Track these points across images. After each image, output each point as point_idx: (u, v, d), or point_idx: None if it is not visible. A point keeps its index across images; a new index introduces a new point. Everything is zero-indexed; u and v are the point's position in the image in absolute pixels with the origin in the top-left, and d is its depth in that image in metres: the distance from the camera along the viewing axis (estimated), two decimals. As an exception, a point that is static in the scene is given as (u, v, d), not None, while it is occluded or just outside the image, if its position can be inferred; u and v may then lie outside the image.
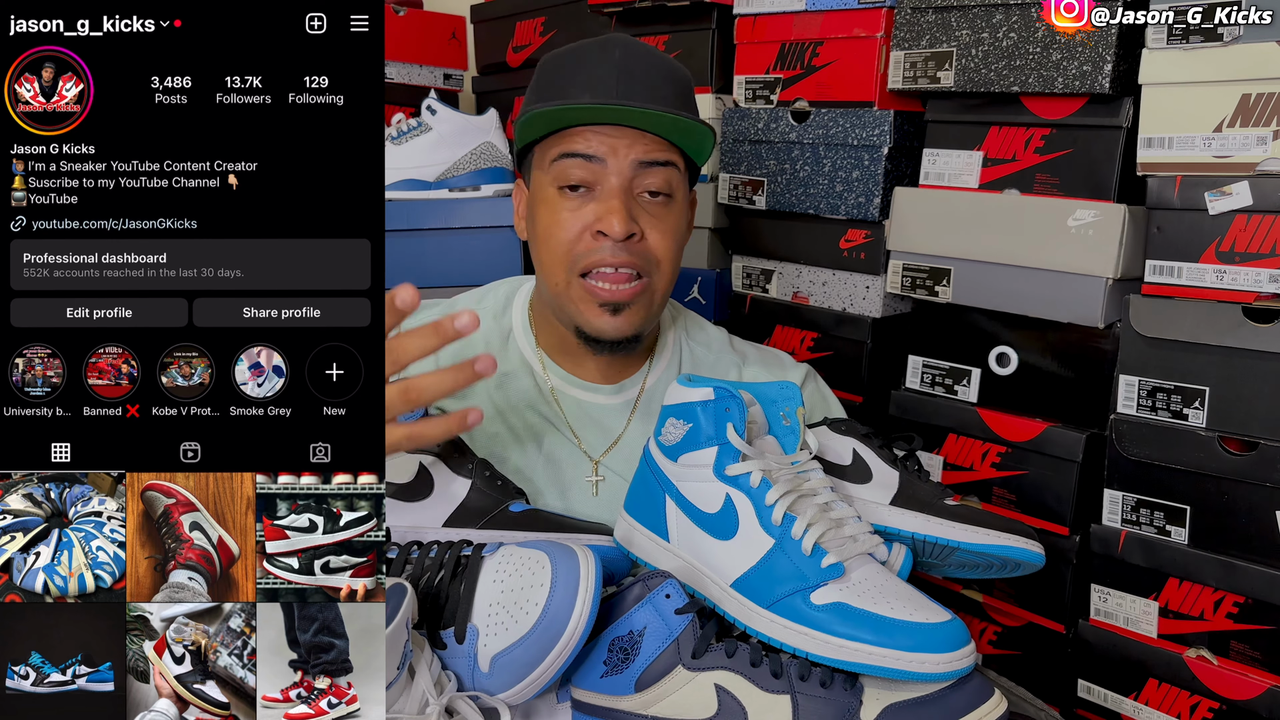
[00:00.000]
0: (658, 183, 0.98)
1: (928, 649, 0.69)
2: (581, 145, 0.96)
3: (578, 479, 1.05)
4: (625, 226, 0.95)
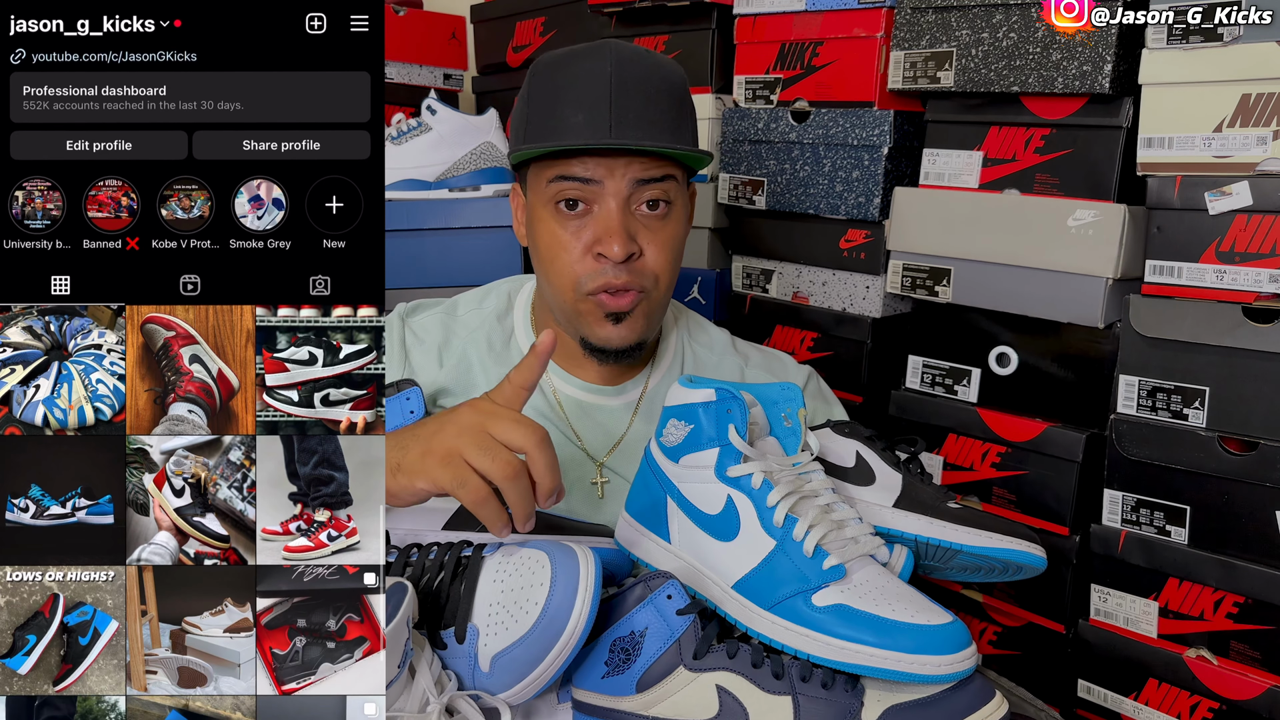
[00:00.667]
0: (655, 195, 0.98)
1: (929, 651, 0.69)
2: (578, 169, 0.96)
3: (581, 481, 1.05)
4: (625, 249, 0.95)
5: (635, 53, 0.99)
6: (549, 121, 0.97)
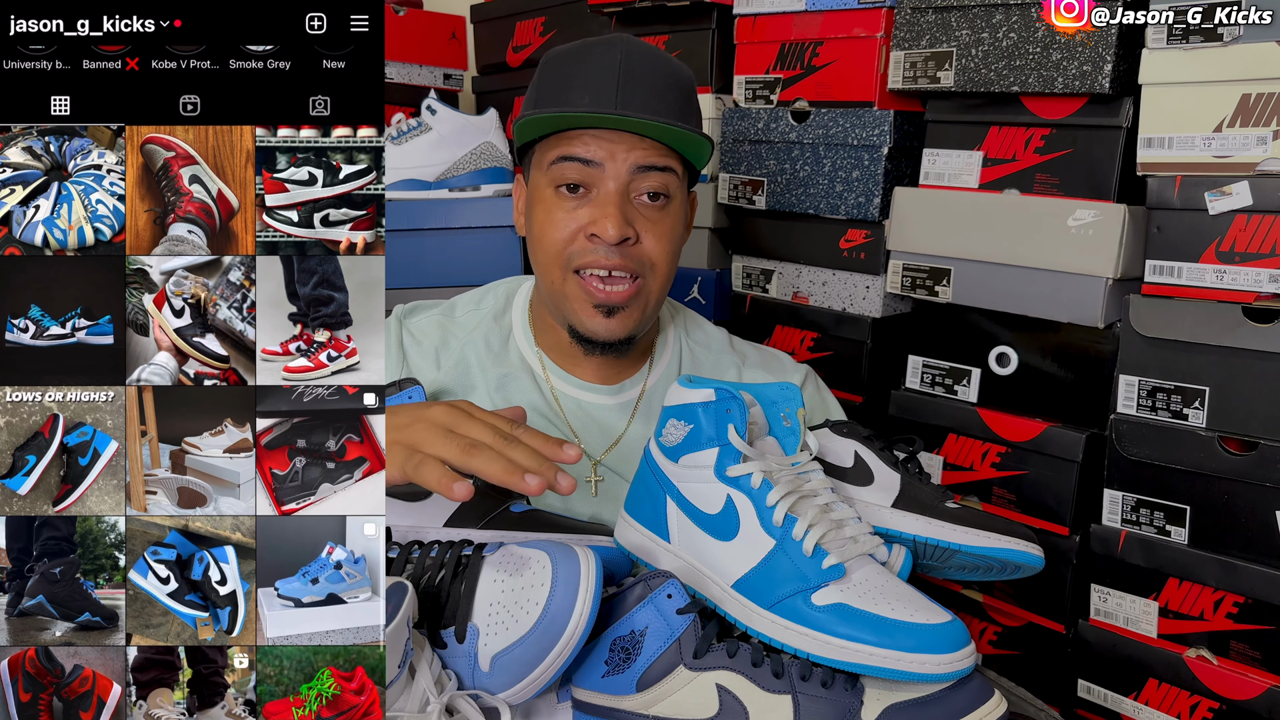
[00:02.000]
0: (655, 185, 0.98)
1: (928, 650, 0.69)
2: (580, 149, 0.96)
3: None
4: (619, 231, 0.95)
5: (645, 46, 1.00)
6: (557, 100, 0.98)
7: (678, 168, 1.00)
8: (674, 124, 0.95)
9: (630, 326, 1.00)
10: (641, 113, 0.95)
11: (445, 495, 0.74)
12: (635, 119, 0.94)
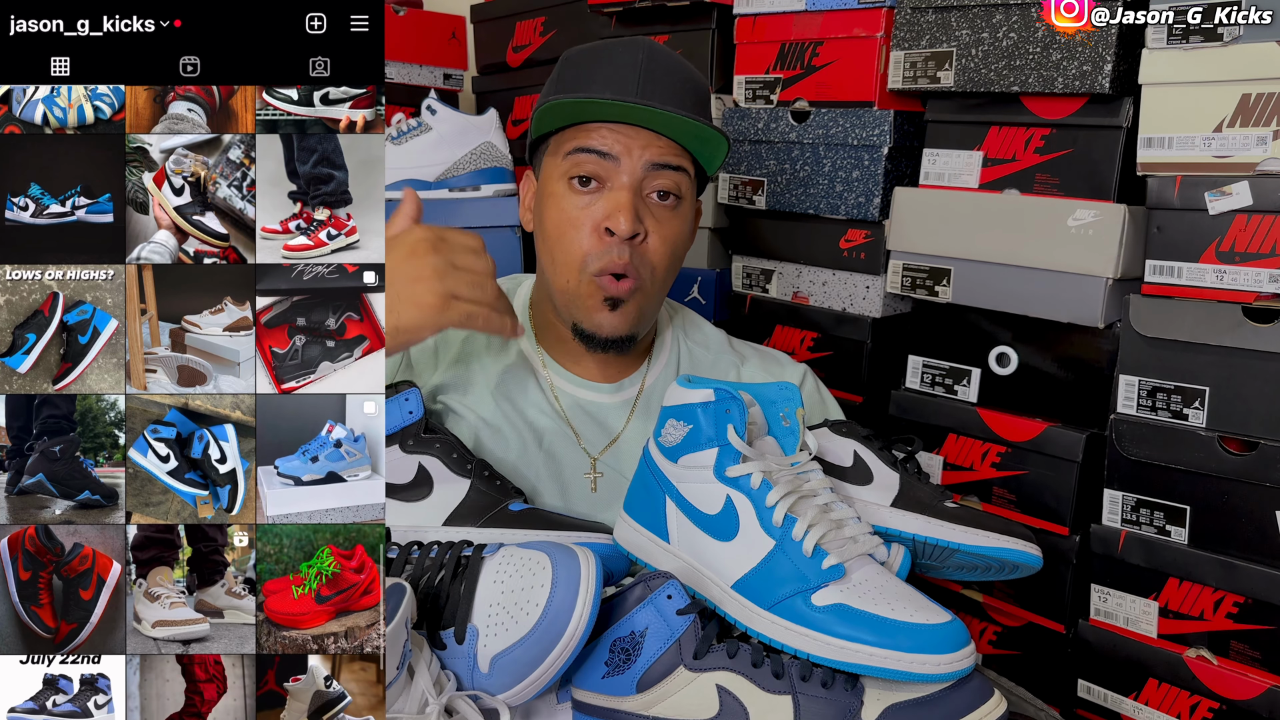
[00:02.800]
0: (667, 184, 0.99)
1: (928, 650, 0.69)
2: (597, 141, 0.97)
3: (576, 476, 1.05)
4: (631, 225, 0.96)
5: (666, 49, 1.01)
6: (576, 91, 0.98)
7: (690, 169, 1.01)
8: (693, 117, 0.95)
9: (632, 321, 1.01)
10: (662, 106, 0.95)
11: (508, 334, 0.91)
12: (658, 110, 0.94)
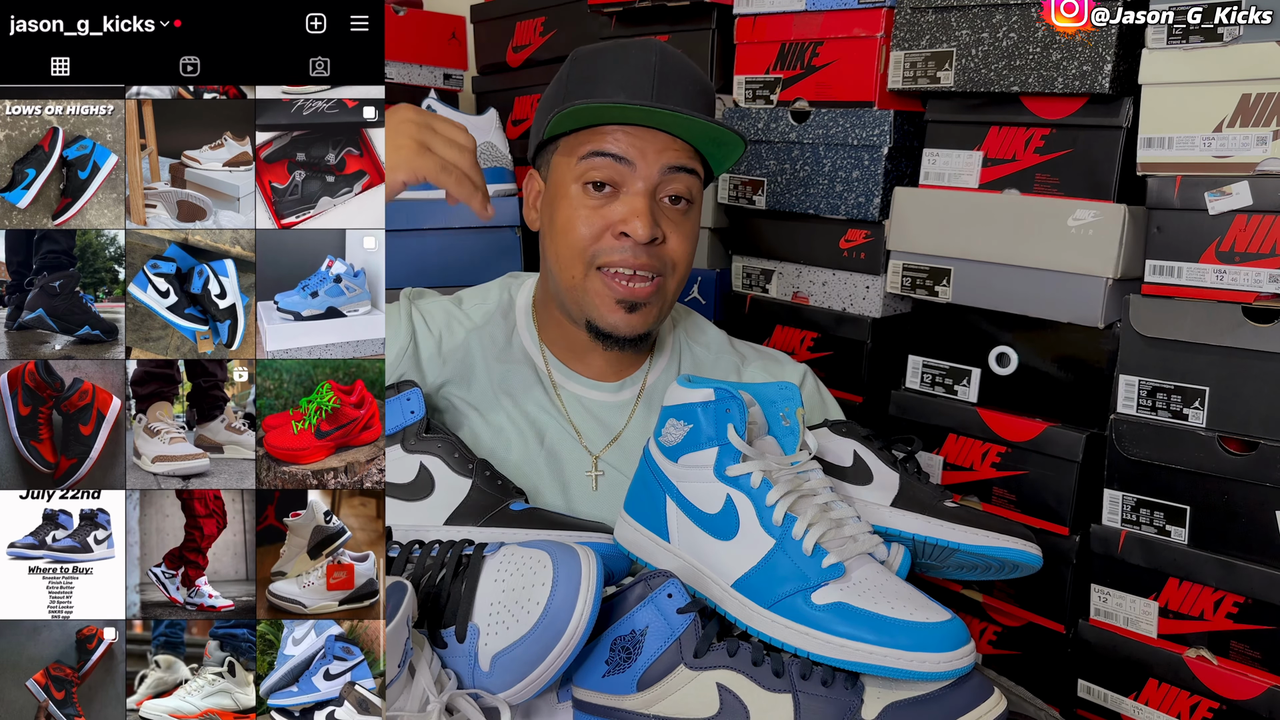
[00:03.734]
0: (680, 189, 0.99)
1: (928, 648, 0.69)
2: (612, 145, 0.97)
3: (578, 474, 1.05)
4: (649, 230, 0.96)
5: (676, 51, 1.01)
6: (591, 94, 0.98)
7: (700, 171, 1.01)
8: (713, 121, 0.96)
9: (650, 321, 1.02)
10: (676, 109, 0.95)
11: (477, 206, 0.91)
12: (679, 113, 0.94)
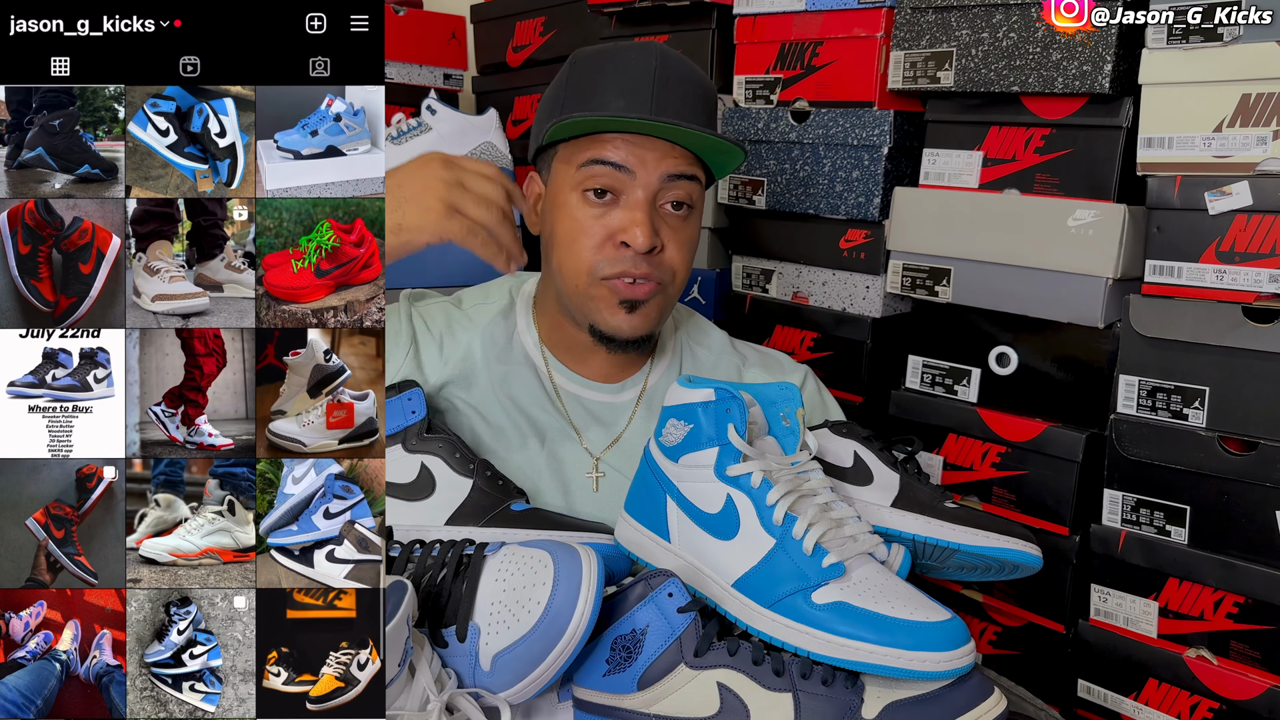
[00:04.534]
0: (680, 195, 0.99)
1: (928, 647, 0.69)
2: (612, 154, 0.96)
3: (578, 475, 1.05)
4: (649, 240, 0.96)
5: (677, 55, 1.01)
6: (590, 102, 0.98)
7: (701, 177, 1.01)
8: (711, 133, 0.95)
9: (652, 322, 1.02)
10: (677, 119, 0.95)
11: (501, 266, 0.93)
12: (677, 126, 0.94)
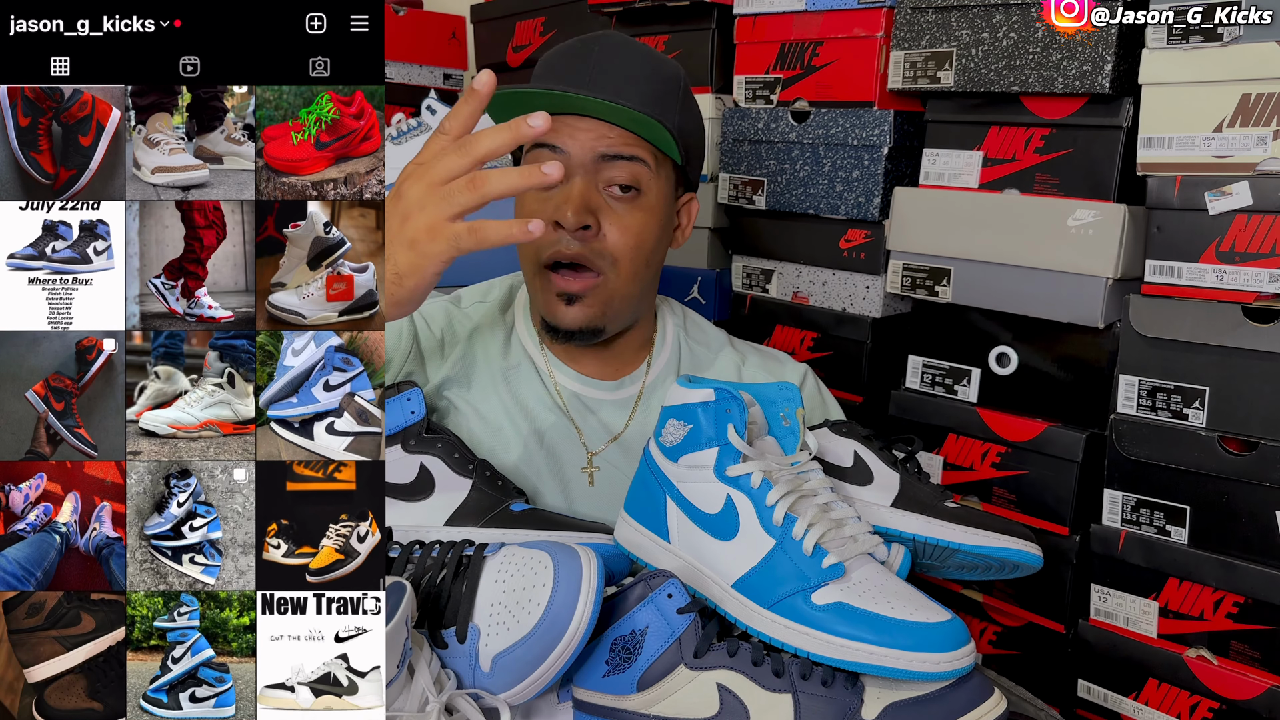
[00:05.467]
0: (622, 177, 0.97)
1: (928, 648, 0.69)
2: (550, 136, 0.96)
3: (576, 472, 1.05)
4: (578, 217, 0.95)
5: (631, 42, 1.00)
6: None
7: (649, 159, 0.98)
8: (627, 105, 0.93)
9: (591, 317, 1.00)
10: (604, 94, 0.93)
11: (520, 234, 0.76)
12: (591, 98, 0.92)
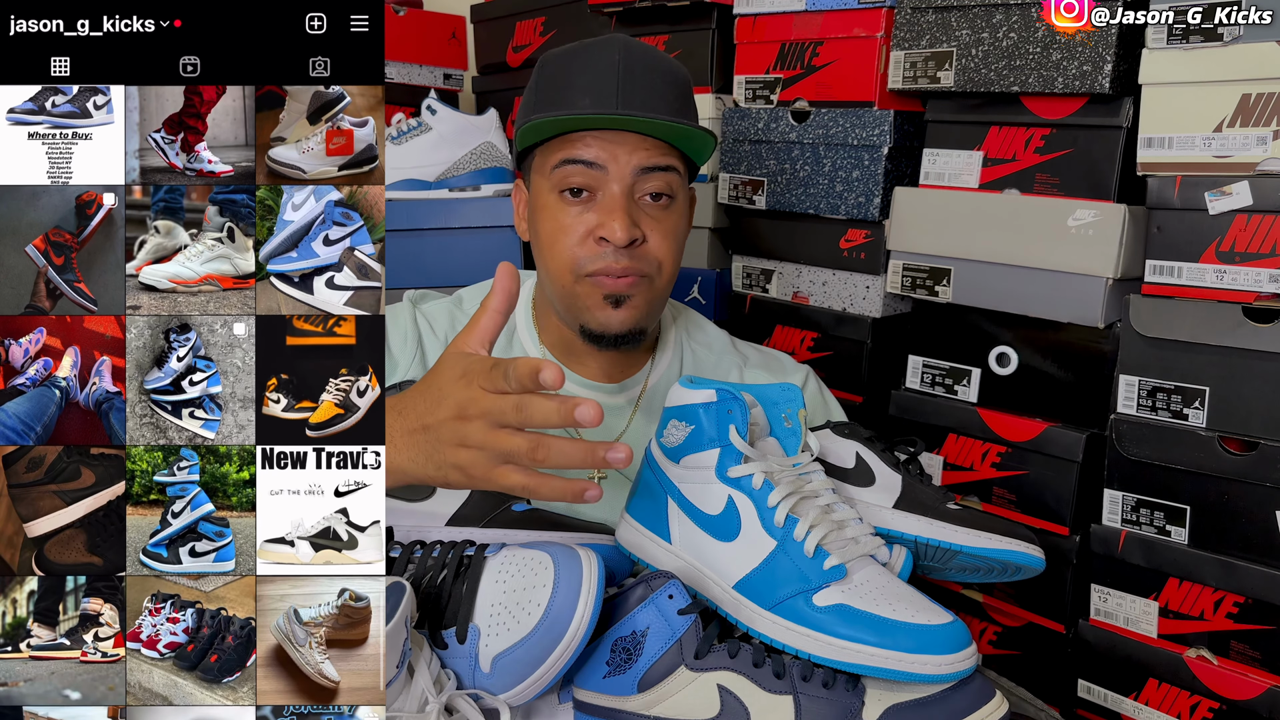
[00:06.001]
0: (658, 186, 0.99)
1: (929, 650, 0.69)
2: (583, 151, 0.96)
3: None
4: (628, 233, 0.96)
5: (642, 45, 1.00)
6: (558, 102, 0.98)
7: (680, 166, 1.00)
8: (677, 121, 0.95)
9: (638, 317, 1.01)
10: (643, 111, 0.95)
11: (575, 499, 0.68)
12: (640, 118, 0.94)
